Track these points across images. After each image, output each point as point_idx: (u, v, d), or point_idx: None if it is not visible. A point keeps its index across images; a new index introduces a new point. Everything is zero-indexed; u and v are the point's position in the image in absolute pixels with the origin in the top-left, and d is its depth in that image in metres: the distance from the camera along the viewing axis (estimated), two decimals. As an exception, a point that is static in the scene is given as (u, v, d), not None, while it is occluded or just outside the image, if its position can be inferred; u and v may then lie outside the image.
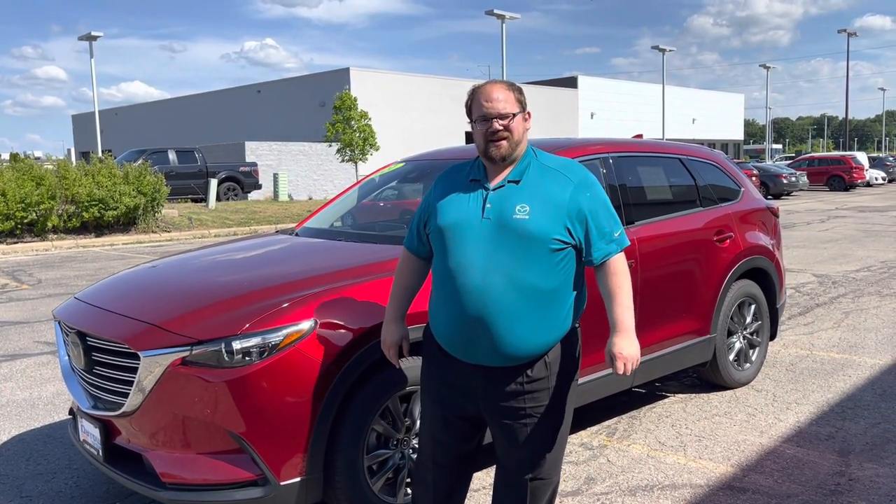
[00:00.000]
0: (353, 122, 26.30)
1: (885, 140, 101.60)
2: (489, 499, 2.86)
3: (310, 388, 2.80)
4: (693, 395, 4.86)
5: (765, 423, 4.32)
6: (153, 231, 16.76)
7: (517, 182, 2.38)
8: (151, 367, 2.81)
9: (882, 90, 78.64)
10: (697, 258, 4.51)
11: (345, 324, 2.90)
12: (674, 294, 4.33)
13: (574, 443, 4.04)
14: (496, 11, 30.37)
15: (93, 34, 27.99)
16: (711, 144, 53.97)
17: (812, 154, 48.05)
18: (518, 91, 2.43)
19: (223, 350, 2.75)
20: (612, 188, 4.09)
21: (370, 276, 3.13)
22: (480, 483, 3.51)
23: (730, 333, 4.85)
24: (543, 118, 40.32)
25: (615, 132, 45.52)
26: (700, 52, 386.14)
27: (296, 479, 2.81)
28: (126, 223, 16.45)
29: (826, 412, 4.48)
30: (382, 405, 2.99)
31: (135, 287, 3.58)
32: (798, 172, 31.00)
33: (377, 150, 26.71)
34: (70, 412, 3.57)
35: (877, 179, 36.88)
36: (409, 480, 3.08)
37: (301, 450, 2.81)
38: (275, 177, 26.83)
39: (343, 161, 27.22)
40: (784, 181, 29.40)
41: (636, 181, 4.41)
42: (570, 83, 50.81)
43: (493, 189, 2.39)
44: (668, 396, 4.86)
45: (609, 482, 3.59)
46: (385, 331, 2.69)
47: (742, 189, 5.17)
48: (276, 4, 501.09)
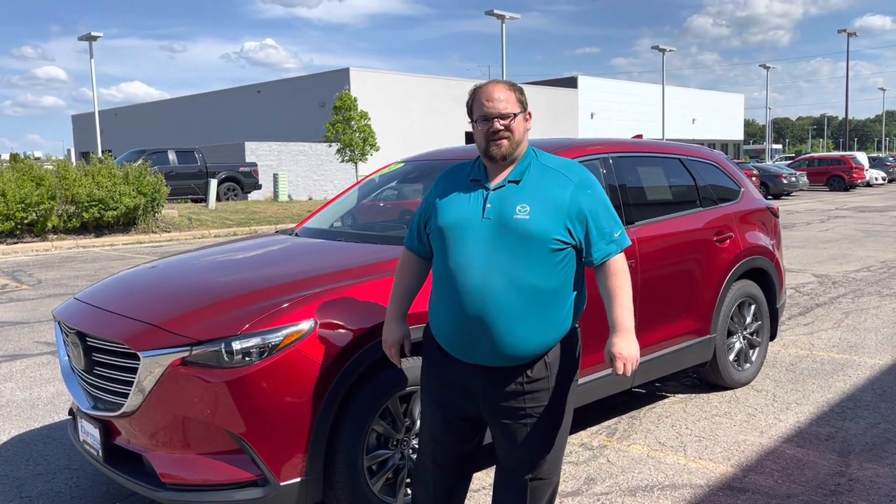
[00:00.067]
0: (353, 123, 26.28)
1: (885, 140, 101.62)
2: (489, 499, 2.86)
3: (310, 389, 2.80)
4: (693, 396, 4.86)
5: (765, 424, 4.32)
6: (153, 231, 16.76)
7: (517, 182, 2.38)
8: (151, 368, 2.81)
9: (882, 90, 78.73)
10: (697, 258, 4.51)
11: (345, 324, 2.90)
12: (674, 294, 4.33)
13: (574, 443, 4.04)
14: (496, 11, 30.37)
15: (93, 34, 27.99)
16: (711, 144, 53.97)
17: (812, 154, 48.07)
18: (519, 91, 2.43)
19: (223, 350, 2.75)
20: (612, 188, 4.09)
21: (370, 277, 3.13)
22: (480, 483, 3.51)
23: (730, 333, 4.85)
24: (543, 118, 40.32)
25: (615, 132, 45.53)
26: (700, 52, 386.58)
27: (296, 480, 2.81)
28: (126, 223, 16.45)
29: (826, 412, 4.48)
30: (382, 405, 2.99)
31: (135, 287, 3.58)
32: (798, 172, 31.00)
33: (377, 151, 26.70)
34: (70, 412, 3.57)
35: (877, 179, 36.88)
36: (409, 481, 3.08)
37: (301, 450, 2.81)
38: (275, 177, 26.84)
39: (343, 161, 27.22)
40: (784, 181, 29.41)
41: (636, 181, 4.41)
42: (570, 83, 50.80)
43: (494, 189, 2.39)
44: (668, 396, 4.86)
45: (609, 482, 3.59)
46: (386, 330, 2.69)
47: (742, 189, 5.17)
48: (276, 4, 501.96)
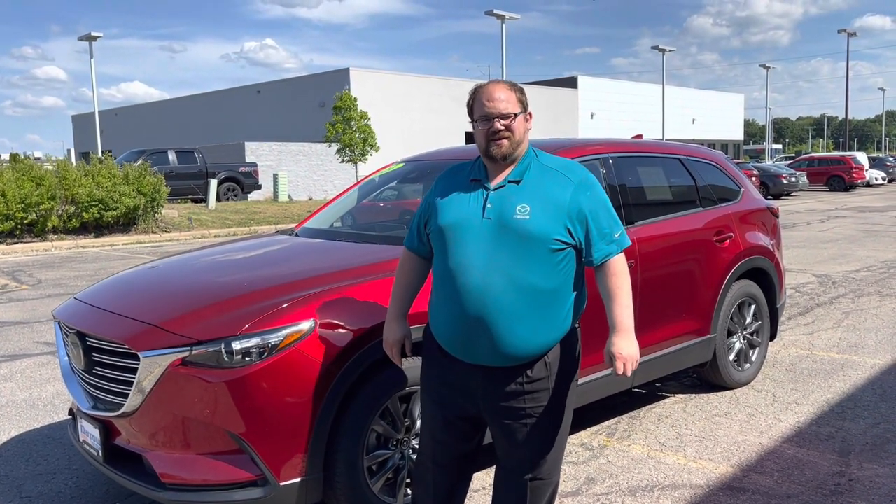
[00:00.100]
0: (353, 123, 26.30)
1: (885, 140, 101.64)
2: (489, 499, 2.86)
3: (310, 389, 2.80)
4: (693, 396, 4.86)
5: (765, 424, 4.32)
6: (153, 231, 16.76)
7: (518, 182, 2.38)
8: (151, 368, 2.81)
9: (882, 90, 78.72)
10: (697, 258, 4.51)
11: (345, 324, 2.90)
12: (674, 294, 4.33)
13: (574, 443, 4.04)
14: (496, 12, 30.37)
15: (93, 34, 27.99)
16: (711, 144, 53.97)
17: (812, 154, 48.06)
18: (520, 91, 2.44)
19: (223, 350, 2.75)
20: (612, 188, 4.09)
21: (370, 277, 3.13)
22: (480, 483, 3.51)
23: (730, 334, 4.85)
24: (543, 118, 40.33)
25: (615, 132, 45.53)
26: (700, 52, 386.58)
27: (296, 480, 2.81)
28: (126, 223, 16.45)
29: (826, 412, 4.48)
30: (382, 405, 2.99)
31: (134, 287, 3.58)
32: (798, 172, 31.00)
33: (377, 151, 26.71)
34: (70, 413, 3.57)
35: (877, 179, 36.89)
36: (409, 481, 3.08)
37: (301, 450, 2.81)
38: (275, 177, 26.83)
39: (343, 161, 27.23)
40: (784, 181, 29.41)
41: (636, 181, 4.41)
42: (570, 83, 50.81)
43: (494, 189, 2.39)
44: (668, 397, 4.86)
45: (609, 482, 3.58)
46: (387, 330, 2.69)
47: (742, 189, 5.16)
48: (276, 5, 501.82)
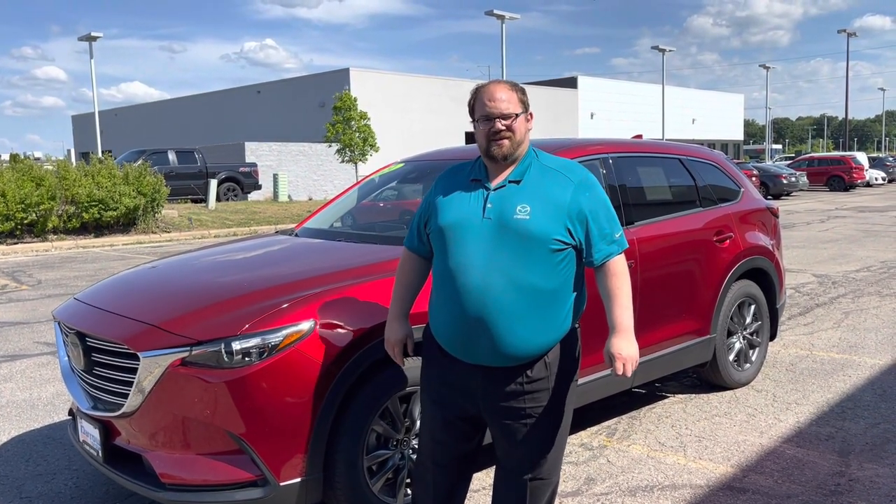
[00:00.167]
0: (353, 123, 26.29)
1: (885, 140, 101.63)
2: (489, 499, 2.86)
3: (310, 389, 2.80)
4: (693, 396, 4.86)
5: (765, 424, 4.32)
6: (153, 231, 16.76)
7: (518, 182, 2.39)
8: (151, 368, 2.81)
9: (882, 90, 78.70)
10: (697, 258, 4.51)
11: (344, 324, 2.90)
12: (673, 294, 4.32)
13: (574, 443, 4.04)
14: (496, 12, 30.37)
15: (93, 35, 27.98)
16: (711, 145, 53.98)
17: (812, 154, 48.05)
18: (521, 91, 2.44)
19: (223, 350, 2.75)
20: (612, 188, 4.09)
21: (370, 277, 3.13)
22: (480, 483, 3.51)
23: (730, 334, 4.85)
24: (543, 118, 40.32)
25: (615, 132, 45.54)
26: (700, 53, 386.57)
27: (296, 480, 2.81)
28: (126, 224, 16.45)
29: (826, 412, 4.48)
30: (382, 406, 2.99)
31: (134, 287, 3.58)
32: (798, 173, 31.00)
33: (377, 151, 26.71)
34: (70, 413, 3.57)
35: (877, 179, 36.88)
36: (409, 481, 3.08)
37: (301, 450, 2.81)
38: (274, 177, 26.83)
39: (343, 162, 27.22)
40: (784, 181, 29.41)
41: (636, 181, 4.41)
42: (570, 83, 50.81)
43: (494, 189, 2.39)
44: (668, 397, 4.86)
45: (609, 482, 3.58)
46: (389, 329, 2.69)
47: (742, 189, 5.16)
48: (276, 5, 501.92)
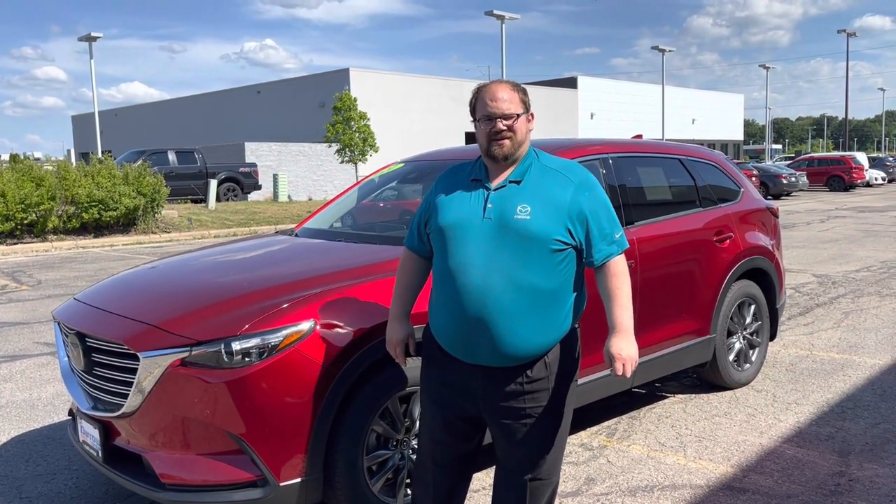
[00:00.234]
0: (353, 123, 26.30)
1: (885, 140, 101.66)
2: (489, 499, 2.86)
3: (310, 389, 2.80)
4: (693, 396, 4.86)
5: (765, 424, 4.32)
6: (153, 232, 16.75)
7: (518, 182, 2.39)
8: (151, 368, 2.81)
9: (882, 90, 78.76)
10: (697, 258, 4.51)
11: (344, 324, 2.90)
12: (673, 294, 4.32)
13: (574, 443, 4.04)
14: (496, 12, 30.37)
15: (92, 35, 27.99)
16: (711, 145, 53.99)
17: (812, 154, 48.07)
18: (522, 92, 2.44)
19: (223, 351, 2.75)
20: (612, 188, 4.09)
21: (370, 277, 3.13)
22: (480, 483, 3.51)
23: (729, 334, 4.85)
24: (543, 118, 40.29)
25: (615, 132, 45.53)
26: (700, 53, 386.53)
27: (295, 480, 2.81)
28: (126, 224, 16.45)
29: (826, 412, 4.48)
30: (382, 406, 2.99)
31: (134, 288, 3.58)
32: (798, 173, 31.01)
33: (377, 151, 26.71)
34: (70, 413, 3.57)
35: (876, 179, 36.89)
36: (409, 481, 3.08)
37: (301, 450, 2.81)
38: (274, 177, 26.84)
39: (343, 162, 27.22)
40: (784, 181, 29.41)
41: (636, 182, 4.41)
42: (570, 83, 50.81)
43: (495, 189, 2.39)
44: (668, 397, 4.86)
45: (609, 482, 3.58)
46: (390, 329, 2.69)
47: (742, 189, 5.16)
48: (276, 5, 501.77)
